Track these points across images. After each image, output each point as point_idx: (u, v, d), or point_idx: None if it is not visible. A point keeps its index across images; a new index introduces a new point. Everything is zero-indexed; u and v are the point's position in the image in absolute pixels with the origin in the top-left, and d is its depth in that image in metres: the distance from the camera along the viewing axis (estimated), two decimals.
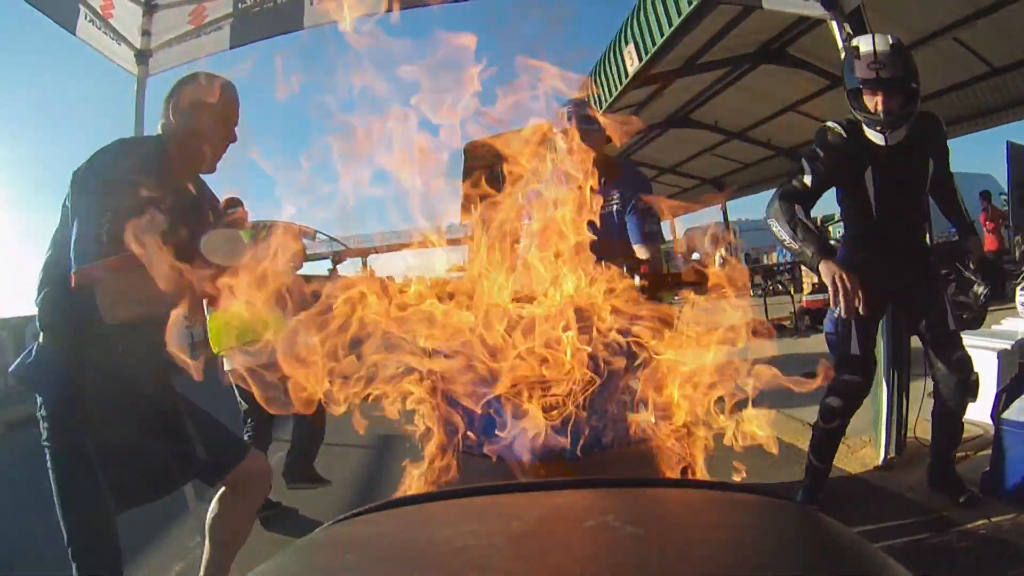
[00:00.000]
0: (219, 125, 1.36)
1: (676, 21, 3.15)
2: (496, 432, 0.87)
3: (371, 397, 0.92)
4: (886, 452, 2.39)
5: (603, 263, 0.97)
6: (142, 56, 2.08)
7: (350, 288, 0.89)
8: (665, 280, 1.11)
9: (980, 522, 1.92)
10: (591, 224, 1.03)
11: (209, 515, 1.55)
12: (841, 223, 2.32)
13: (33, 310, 1.28)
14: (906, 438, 2.46)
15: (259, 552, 2.13)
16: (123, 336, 1.23)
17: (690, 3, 2.96)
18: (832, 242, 10.52)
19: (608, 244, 1.04)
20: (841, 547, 0.40)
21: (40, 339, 1.27)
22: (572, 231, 0.99)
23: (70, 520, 1.26)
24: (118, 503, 1.30)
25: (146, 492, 1.39)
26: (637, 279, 0.99)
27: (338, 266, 2.10)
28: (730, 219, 13.81)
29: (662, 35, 3.34)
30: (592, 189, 1.74)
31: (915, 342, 2.55)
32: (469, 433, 0.91)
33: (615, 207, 1.98)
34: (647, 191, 2.07)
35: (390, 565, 0.38)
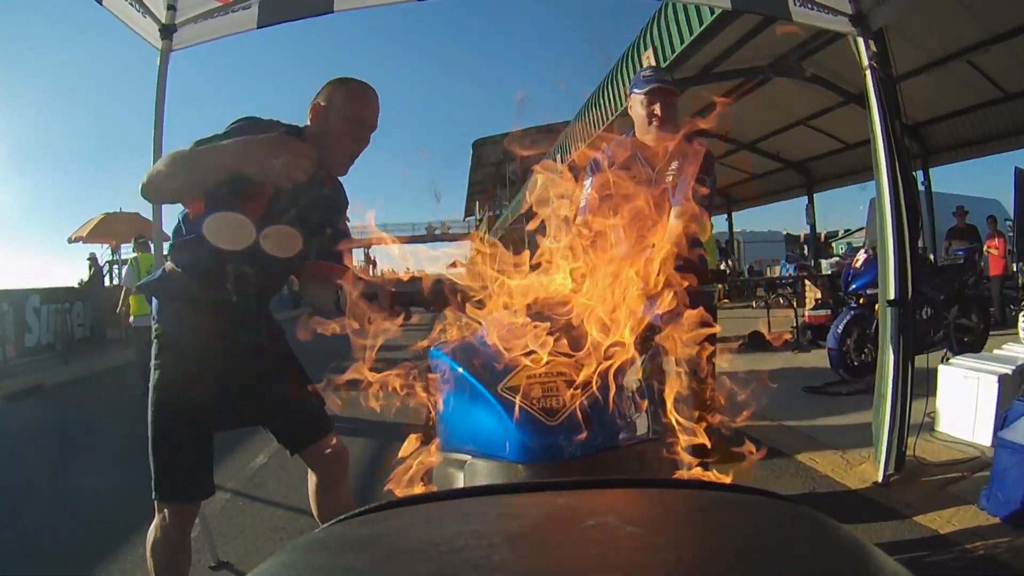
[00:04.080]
0: (351, 128, 1.38)
1: (697, 29, 3.15)
2: (496, 432, 0.87)
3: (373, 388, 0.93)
4: (885, 469, 2.39)
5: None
6: (166, 30, 2.04)
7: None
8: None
9: (977, 542, 1.93)
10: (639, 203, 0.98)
11: (317, 504, 1.61)
12: (844, 240, 2.31)
13: (32, 284, 1.39)
14: (905, 456, 2.47)
15: (259, 552, 2.13)
16: (230, 288, 1.37)
17: (713, 11, 2.96)
18: (835, 258, 10.47)
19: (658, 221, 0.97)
20: (842, 548, 0.40)
21: (166, 267, 1.42)
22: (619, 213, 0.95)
23: (158, 434, 1.35)
24: (212, 422, 1.41)
25: (225, 419, 1.46)
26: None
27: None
28: (735, 230, 13.86)
29: (682, 42, 3.34)
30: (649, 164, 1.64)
31: (918, 361, 2.58)
32: (469, 432, 0.91)
33: (671, 178, 1.81)
34: (707, 162, 1.84)
35: (390, 565, 0.38)
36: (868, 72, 2.31)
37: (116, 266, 12.57)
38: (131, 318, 5.12)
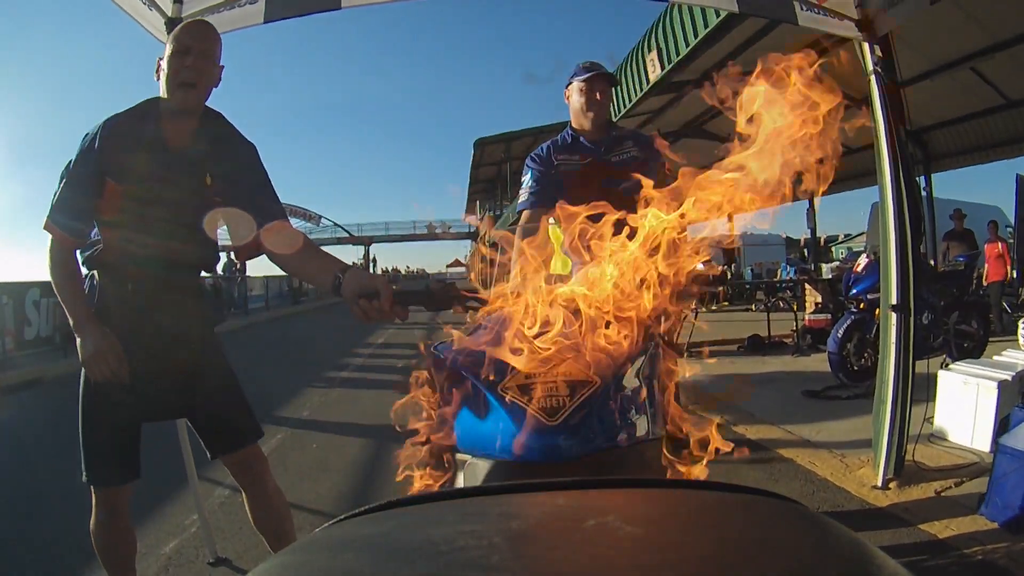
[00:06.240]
0: (177, 60, 1.33)
1: (702, 31, 3.15)
2: (496, 432, 0.87)
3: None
4: (885, 473, 2.39)
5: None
6: (172, 24, 2.04)
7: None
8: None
9: (975, 548, 1.93)
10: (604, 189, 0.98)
11: (252, 518, 1.60)
12: (844, 244, 2.30)
13: (32, 276, 1.43)
14: (905, 461, 2.47)
15: (258, 548, 2.12)
16: (133, 279, 1.42)
17: (718, 14, 2.96)
18: (835, 263, 10.49)
19: (620, 203, 0.97)
20: (842, 547, 0.40)
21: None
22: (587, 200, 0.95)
23: (84, 419, 1.43)
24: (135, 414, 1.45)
25: (149, 409, 1.49)
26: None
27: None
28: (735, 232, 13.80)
29: (687, 44, 3.35)
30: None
31: (918, 366, 2.58)
32: (469, 432, 0.91)
33: (627, 156, 1.97)
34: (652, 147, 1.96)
35: (390, 565, 0.38)
36: (873, 77, 2.31)
37: None
38: None
